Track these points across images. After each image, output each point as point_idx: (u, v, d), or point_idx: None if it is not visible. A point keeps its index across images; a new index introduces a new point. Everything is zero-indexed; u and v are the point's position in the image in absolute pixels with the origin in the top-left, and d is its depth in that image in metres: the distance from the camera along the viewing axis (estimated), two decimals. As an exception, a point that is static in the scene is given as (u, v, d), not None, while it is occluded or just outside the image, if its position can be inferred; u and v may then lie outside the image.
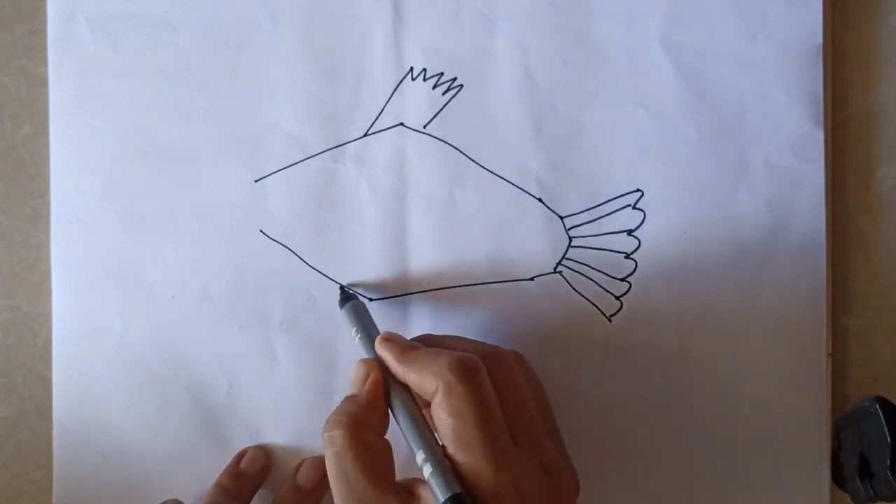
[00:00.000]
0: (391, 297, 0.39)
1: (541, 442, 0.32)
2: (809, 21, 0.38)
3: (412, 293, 0.39)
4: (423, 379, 0.31)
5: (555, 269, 0.38)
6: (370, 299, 0.39)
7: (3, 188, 0.41)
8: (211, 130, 0.39)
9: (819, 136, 0.38)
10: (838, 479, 0.38)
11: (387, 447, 0.32)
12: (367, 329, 0.35)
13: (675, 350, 0.38)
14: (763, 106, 0.38)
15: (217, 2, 0.39)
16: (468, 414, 0.29)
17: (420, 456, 0.30)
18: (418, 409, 0.32)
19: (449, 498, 0.28)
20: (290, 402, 0.39)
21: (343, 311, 0.37)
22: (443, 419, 0.30)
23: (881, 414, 0.34)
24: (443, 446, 0.30)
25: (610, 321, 0.38)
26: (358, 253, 0.39)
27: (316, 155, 0.39)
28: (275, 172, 0.39)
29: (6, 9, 0.41)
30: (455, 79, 0.39)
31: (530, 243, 0.38)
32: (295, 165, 0.39)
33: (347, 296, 0.38)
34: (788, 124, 0.38)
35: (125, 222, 0.39)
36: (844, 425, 0.37)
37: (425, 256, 0.39)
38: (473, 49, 0.39)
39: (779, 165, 0.38)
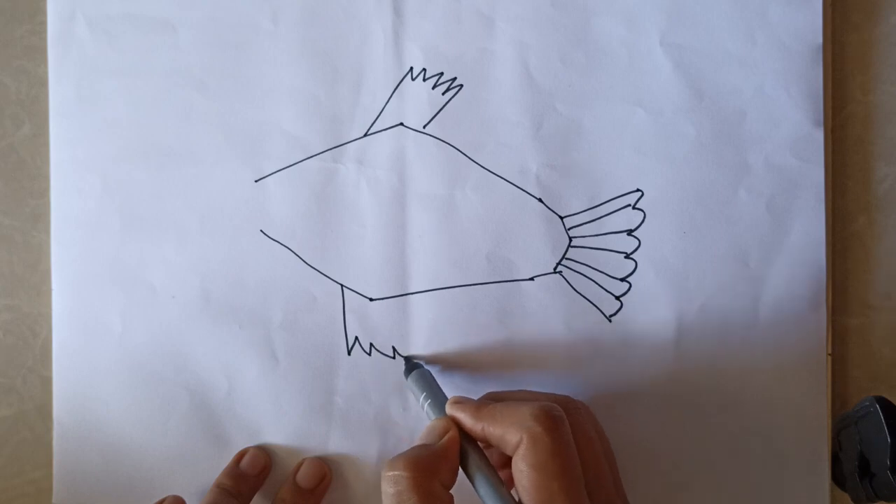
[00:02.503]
0: (391, 297, 0.39)
1: (611, 497, 0.31)
2: (809, 21, 0.38)
3: (412, 293, 0.39)
4: (506, 431, 0.30)
5: (555, 269, 0.38)
6: (370, 299, 0.39)
7: (3, 188, 0.41)
8: (211, 130, 0.39)
9: (819, 136, 0.38)
10: (838, 479, 0.38)
11: (451, 501, 0.30)
12: (435, 394, 0.35)
13: (674, 350, 0.38)
14: (763, 106, 0.38)
15: (217, 2, 0.39)
16: (551, 467, 0.29)
17: None
18: (494, 470, 0.32)
19: None
20: (290, 402, 0.39)
21: (409, 379, 0.37)
22: (525, 472, 0.29)
23: (881, 414, 0.34)
24: (519, 502, 0.30)
25: (610, 321, 0.38)
26: (358, 253, 0.39)
27: (316, 155, 0.39)
28: (275, 172, 0.39)
29: (6, 9, 0.41)
30: (455, 79, 0.39)
31: (530, 243, 0.38)
32: (295, 165, 0.39)
33: (413, 365, 0.38)
34: (788, 124, 0.38)
35: (125, 222, 0.39)
36: (844, 425, 0.37)
37: (425, 256, 0.39)
38: (473, 49, 0.39)
39: (779, 165, 0.38)
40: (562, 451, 0.29)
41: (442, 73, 0.39)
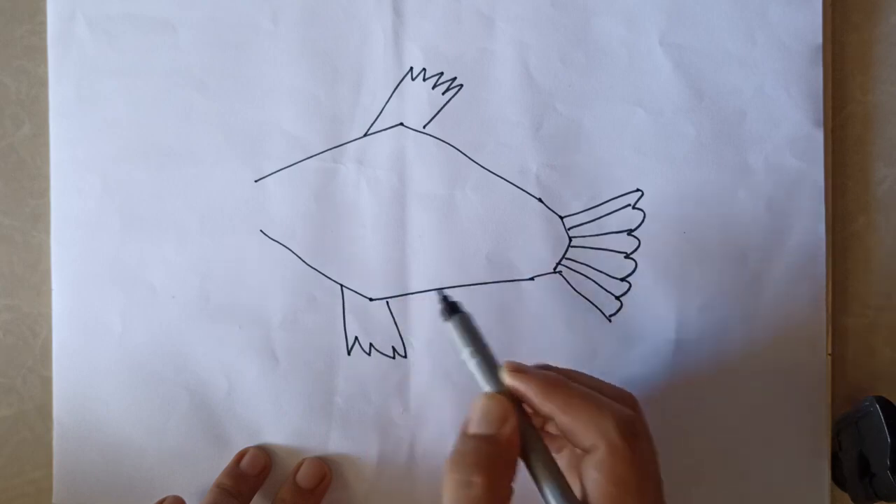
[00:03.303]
0: (391, 297, 0.39)
1: (663, 499, 0.29)
2: (809, 21, 0.38)
3: (412, 293, 0.39)
4: (580, 427, 0.28)
5: (555, 268, 0.38)
6: (370, 299, 0.39)
7: (3, 188, 0.41)
8: (211, 130, 0.39)
9: (819, 136, 0.38)
10: (838, 479, 0.38)
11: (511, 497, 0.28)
12: (482, 350, 0.30)
13: (674, 350, 0.38)
14: (763, 106, 0.38)
15: (217, 2, 0.39)
16: (630, 485, 0.27)
17: None
18: (556, 464, 0.29)
19: None
20: (290, 402, 0.39)
21: (450, 324, 0.31)
22: (599, 483, 0.27)
23: (881, 414, 0.34)
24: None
25: (610, 321, 0.38)
26: (358, 253, 0.39)
27: (316, 155, 0.39)
28: (275, 172, 0.39)
29: (6, 9, 0.41)
30: (455, 79, 0.39)
31: (530, 243, 0.38)
32: (295, 165, 0.39)
33: (452, 306, 0.31)
34: (788, 124, 0.38)
35: (125, 222, 0.39)
36: (844, 425, 0.37)
37: (425, 256, 0.39)
38: (473, 49, 0.39)
39: (779, 165, 0.38)
40: (642, 470, 0.27)
41: (442, 73, 0.39)
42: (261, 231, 0.39)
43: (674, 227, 0.38)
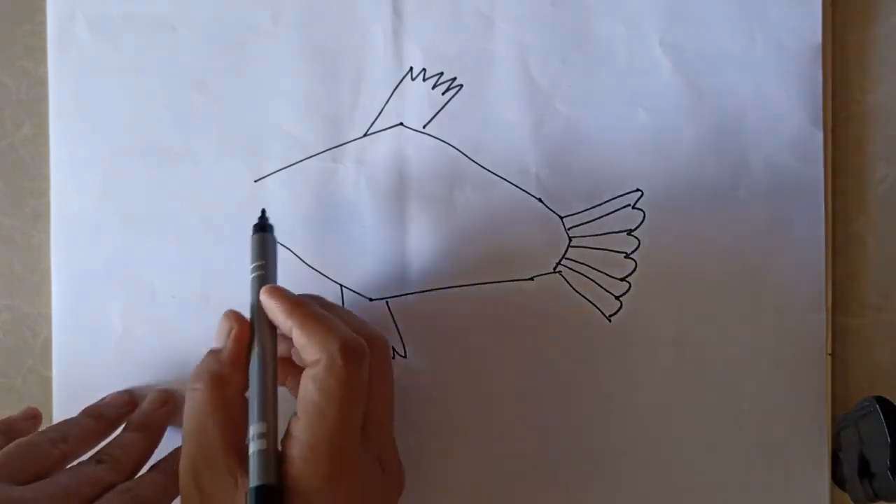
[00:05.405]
0: (391, 297, 0.39)
1: (387, 436, 0.33)
2: (809, 21, 0.38)
3: (412, 293, 0.39)
4: (310, 345, 0.31)
5: (554, 268, 0.38)
6: (370, 299, 0.39)
7: (3, 188, 0.41)
8: (211, 130, 0.39)
9: (818, 136, 0.38)
10: (838, 479, 0.37)
11: (243, 404, 0.32)
12: (267, 269, 0.34)
13: (674, 350, 0.38)
14: (763, 106, 0.38)
15: (217, 2, 0.39)
16: (336, 396, 0.30)
17: (253, 429, 0.30)
18: (273, 377, 0.32)
19: (258, 487, 0.29)
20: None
21: (251, 238, 0.35)
22: (310, 389, 0.30)
23: (881, 414, 0.34)
24: (295, 414, 0.31)
25: (610, 321, 0.38)
26: (358, 253, 0.39)
27: (316, 155, 0.39)
28: (275, 172, 0.39)
29: (6, 9, 0.41)
30: (455, 79, 0.39)
31: (530, 243, 0.38)
32: (295, 165, 0.39)
33: (262, 225, 0.36)
34: (788, 124, 0.38)
35: (125, 222, 0.39)
36: (844, 425, 0.37)
37: (425, 256, 0.39)
38: (473, 49, 0.39)
39: (779, 165, 0.38)
40: (351, 387, 0.30)
41: (442, 73, 0.39)
42: (261, 231, 0.39)
43: (674, 227, 0.38)
